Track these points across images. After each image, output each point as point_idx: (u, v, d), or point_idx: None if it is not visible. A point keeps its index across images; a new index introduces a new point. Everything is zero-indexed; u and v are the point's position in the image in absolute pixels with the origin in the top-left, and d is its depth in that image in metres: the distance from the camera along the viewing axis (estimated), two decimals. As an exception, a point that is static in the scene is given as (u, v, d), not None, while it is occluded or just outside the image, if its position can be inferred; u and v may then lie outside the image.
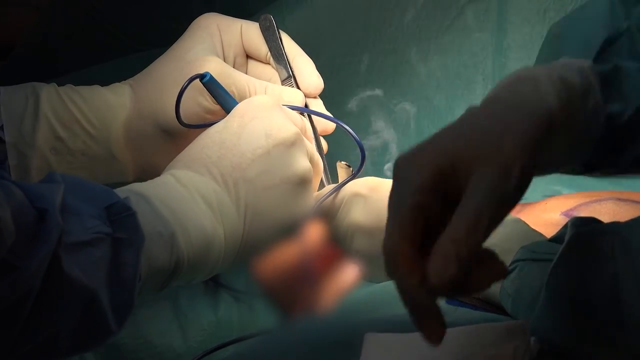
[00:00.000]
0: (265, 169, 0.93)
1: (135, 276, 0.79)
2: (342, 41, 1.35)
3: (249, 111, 0.96)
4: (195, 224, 0.87)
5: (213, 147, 0.93)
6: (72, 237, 0.75)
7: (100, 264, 0.77)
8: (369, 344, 0.77)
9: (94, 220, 0.78)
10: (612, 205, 1.10)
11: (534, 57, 1.31)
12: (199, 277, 0.90)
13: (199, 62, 1.07)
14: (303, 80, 1.12)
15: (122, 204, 0.80)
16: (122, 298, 0.78)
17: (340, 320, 0.86)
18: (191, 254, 0.86)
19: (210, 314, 1.06)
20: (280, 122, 0.95)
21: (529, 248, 0.88)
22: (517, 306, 0.86)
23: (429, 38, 1.35)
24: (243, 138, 0.93)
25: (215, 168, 0.91)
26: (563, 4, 1.31)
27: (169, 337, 1.05)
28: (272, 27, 1.12)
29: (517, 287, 0.87)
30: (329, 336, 0.82)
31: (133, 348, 1.04)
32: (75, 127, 1.06)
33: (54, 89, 1.07)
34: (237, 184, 0.92)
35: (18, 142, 1.04)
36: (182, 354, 1.05)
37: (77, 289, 0.75)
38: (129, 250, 0.79)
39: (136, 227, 0.80)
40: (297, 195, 0.95)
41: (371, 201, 1.02)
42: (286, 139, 0.95)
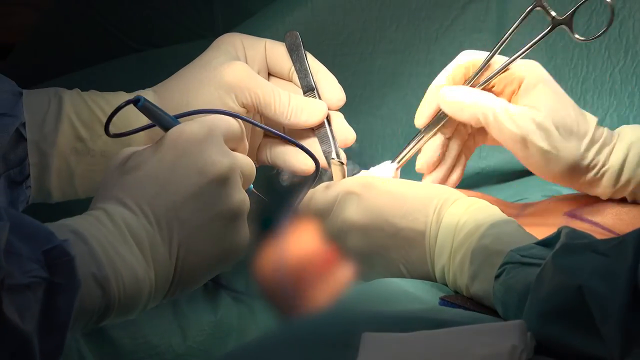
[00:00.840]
0: (198, 208, 0.91)
1: (68, 322, 0.78)
2: (342, 42, 1.35)
3: (181, 144, 0.92)
4: (128, 267, 0.86)
5: (147, 183, 0.91)
6: (13, 279, 0.74)
7: (35, 308, 0.76)
8: (366, 343, 0.77)
9: (33, 264, 0.76)
10: (616, 206, 1.10)
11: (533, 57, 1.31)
12: (128, 318, 0.89)
13: (225, 64, 1.08)
14: (326, 92, 1.13)
15: (61, 249, 0.79)
16: (53, 343, 0.77)
17: (337, 319, 0.86)
18: (122, 297, 0.86)
19: (210, 315, 1.07)
20: (213, 156, 0.92)
21: (517, 251, 0.88)
22: (506, 309, 0.87)
23: (429, 38, 1.35)
24: (176, 175, 0.91)
25: (148, 207, 0.89)
26: (563, 4, 1.31)
27: (168, 337, 1.05)
28: (297, 42, 1.12)
29: (505, 290, 0.87)
30: (325, 336, 0.82)
31: (133, 348, 1.04)
32: (97, 127, 1.06)
33: (77, 93, 1.07)
34: (170, 224, 0.90)
35: (39, 140, 1.04)
36: (181, 354, 1.05)
37: (12, 332, 0.74)
38: (64, 295, 0.78)
39: (73, 273, 0.79)
40: (231, 229, 0.93)
41: (364, 199, 1.02)
42: (219, 176, 0.92)
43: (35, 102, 1.04)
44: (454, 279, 0.97)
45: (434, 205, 1.00)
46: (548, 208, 1.14)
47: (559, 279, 0.77)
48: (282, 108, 1.09)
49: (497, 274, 0.89)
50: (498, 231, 0.94)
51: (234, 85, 1.08)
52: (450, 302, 0.95)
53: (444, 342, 0.76)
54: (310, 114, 1.10)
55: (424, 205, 1.00)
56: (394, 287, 0.98)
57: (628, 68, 1.29)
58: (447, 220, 0.98)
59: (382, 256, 1.01)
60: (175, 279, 0.91)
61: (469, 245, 0.95)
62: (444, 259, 0.98)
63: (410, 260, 1.00)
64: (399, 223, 1.00)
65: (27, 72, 1.13)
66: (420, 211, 1.00)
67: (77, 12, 1.45)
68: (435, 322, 0.82)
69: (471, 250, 0.95)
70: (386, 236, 1.00)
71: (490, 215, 0.97)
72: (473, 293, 0.94)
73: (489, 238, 0.94)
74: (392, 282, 1.00)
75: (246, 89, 1.08)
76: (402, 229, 1.00)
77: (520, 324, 0.76)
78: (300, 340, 0.82)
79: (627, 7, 1.29)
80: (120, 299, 0.86)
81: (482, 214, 0.97)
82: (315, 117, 1.11)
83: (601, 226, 1.08)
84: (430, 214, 1.00)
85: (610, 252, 0.76)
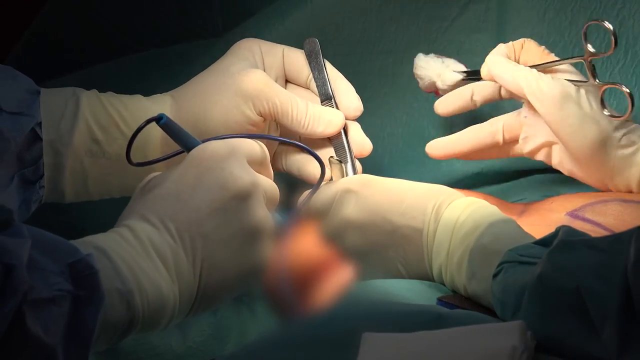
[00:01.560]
0: (220, 223, 0.92)
1: (92, 335, 0.79)
2: (342, 42, 1.35)
3: (204, 161, 0.93)
4: (152, 282, 0.87)
5: (169, 199, 0.91)
6: (36, 293, 0.74)
7: (60, 321, 0.76)
8: (366, 344, 0.77)
9: (57, 277, 0.77)
10: (617, 206, 1.10)
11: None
12: (153, 332, 0.90)
13: (243, 72, 1.08)
14: (343, 101, 1.14)
15: (85, 262, 0.79)
16: (78, 355, 0.78)
17: (336, 319, 0.86)
18: (146, 311, 0.86)
19: (209, 315, 1.06)
20: (235, 173, 0.93)
21: (515, 251, 0.88)
22: (504, 308, 0.87)
23: (429, 38, 1.35)
24: (198, 191, 0.92)
25: (171, 222, 0.90)
26: (563, 5, 1.31)
27: (168, 337, 1.05)
28: (316, 49, 1.13)
29: (502, 289, 0.87)
30: (325, 336, 0.82)
31: (132, 348, 1.04)
32: (114, 130, 1.06)
33: (94, 93, 1.07)
34: (193, 239, 0.90)
35: (55, 140, 1.04)
36: (181, 355, 1.04)
37: (37, 346, 0.74)
38: (88, 309, 0.78)
39: (97, 286, 0.79)
40: (252, 245, 0.94)
41: (363, 197, 1.02)
42: (241, 191, 0.93)
43: (52, 101, 1.05)
44: (451, 278, 0.97)
45: (432, 204, 1.00)
46: (549, 208, 1.14)
47: (556, 277, 0.77)
48: (299, 117, 1.10)
49: (494, 273, 0.89)
50: (496, 231, 0.94)
51: (251, 93, 1.08)
52: (447, 303, 0.95)
53: (444, 342, 0.76)
54: (328, 124, 1.11)
55: (423, 203, 1.00)
56: (391, 289, 0.98)
57: (628, 68, 1.29)
58: (445, 219, 0.99)
59: (380, 254, 1.01)
60: (199, 294, 0.91)
61: (467, 245, 0.95)
62: (442, 258, 0.98)
63: (408, 259, 1.00)
64: (397, 221, 1.00)
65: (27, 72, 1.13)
66: (419, 209, 1.00)
67: (77, 12, 1.44)
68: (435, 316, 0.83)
69: (469, 249, 0.95)
70: (384, 234, 1.01)
71: (488, 215, 0.97)
72: (470, 292, 0.95)
73: (488, 237, 0.94)
74: (389, 283, 1.00)
75: (264, 97, 1.08)
76: (400, 227, 1.00)
77: (520, 324, 0.76)
78: (300, 341, 0.82)
79: (627, 7, 1.29)
80: (145, 314, 0.86)
81: (481, 214, 0.97)
82: (332, 127, 1.12)
83: (603, 226, 1.08)
84: (429, 213, 1.00)
85: (608, 247, 0.76)
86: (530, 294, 0.80)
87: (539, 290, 0.79)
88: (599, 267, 0.74)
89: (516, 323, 0.77)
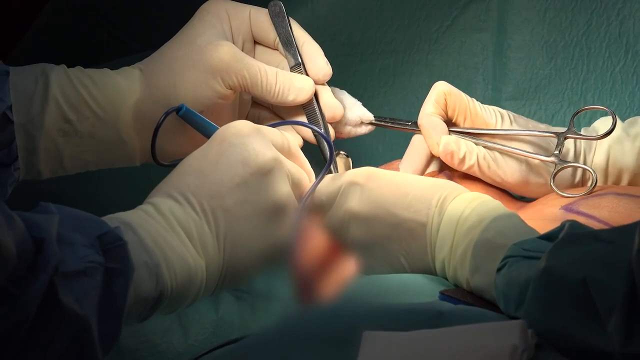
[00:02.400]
0: (243, 198, 0.93)
1: (124, 306, 0.79)
2: (342, 42, 1.35)
3: (227, 138, 0.95)
4: (178, 256, 0.88)
5: (192, 175, 0.93)
6: (67, 266, 0.75)
7: (93, 293, 0.77)
8: (367, 342, 0.77)
9: (87, 250, 0.78)
10: (612, 199, 1.10)
11: (534, 57, 1.32)
12: (181, 307, 0.91)
13: (211, 46, 1.08)
14: (312, 67, 1.13)
15: (113, 234, 0.80)
16: (110, 327, 0.79)
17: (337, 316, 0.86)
18: (174, 285, 0.87)
19: (211, 313, 1.06)
20: (258, 149, 0.95)
21: (520, 245, 0.88)
22: (507, 301, 0.86)
23: (429, 38, 1.35)
24: (221, 166, 0.93)
25: (194, 197, 0.91)
26: (563, 5, 1.31)
27: (170, 335, 1.05)
28: (281, 13, 1.13)
29: (506, 283, 0.87)
30: (325, 333, 0.82)
31: (134, 347, 1.04)
32: (84, 109, 1.06)
33: (63, 71, 1.07)
34: (215, 213, 0.92)
35: (26, 123, 1.04)
36: (182, 353, 1.05)
37: (71, 317, 0.75)
38: (119, 279, 0.79)
39: (127, 257, 0.80)
40: (276, 222, 0.95)
41: (367, 190, 1.02)
42: (263, 166, 0.94)
43: (21, 82, 1.04)
44: (454, 272, 0.97)
45: (437, 198, 1.00)
46: (544, 202, 1.14)
47: (562, 269, 0.77)
48: (269, 87, 1.10)
49: (499, 267, 0.89)
50: (500, 225, 0.95)
51: (220, 68, 1.08)
52: (450, 297, 0.95)
53: (444, 341, 0.76)
54: (298, 92, 1.11)
55: (427, 197, 1.00)
56: (394, 282, 0.98)
57: (629, 68, 1.29)
58: (449, 213, 0.98)
59: (383, 247, 1.01)
60: (223, 269, 0.92)
61: (471, 239, 0.95)
62: (445, 252, 0.98)
63: (411, 252, 1.00)
64: (401, 214, 1.00)
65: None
66: (423, 203, 1.00)
67: (77, 12, 1.44)
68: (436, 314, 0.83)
69: (473, 243, 0.95)
70: (388, 227, 1.01)
71: (493, 209, 0.97)
72: (473, 286, 0.95)
73: (492, 232, 0.94)
74: (391, 278, 1.00)
75: (232, 71, 1.08)
76: (404, 220, 1.00)
77: (521, 323, 0.76)
78: (301, 338, 0.82)
79: (627, 6, 1.29)
80: (173, 287, 0.87)
81: (485, 208, 0.97)
82: (302, 96, 1.12)
83: (597, 219, 1.08)
84: (433, 207, 1.00)
85: (615, 239, 0.76)
86: (534, 288, 0.80)
87: (544, 283, 0.79)
88: (606, 258, 0.74)
89: (517, 322, 0.77)
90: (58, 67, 1.07)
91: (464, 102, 1.16)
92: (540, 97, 1.32)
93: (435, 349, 0.75)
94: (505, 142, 1.15)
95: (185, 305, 0.90)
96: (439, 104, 1.15)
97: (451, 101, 1.15)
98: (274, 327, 0.88)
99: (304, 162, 1.04)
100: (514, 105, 1.30)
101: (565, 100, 1.31)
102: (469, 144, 1.15)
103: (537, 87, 1.15)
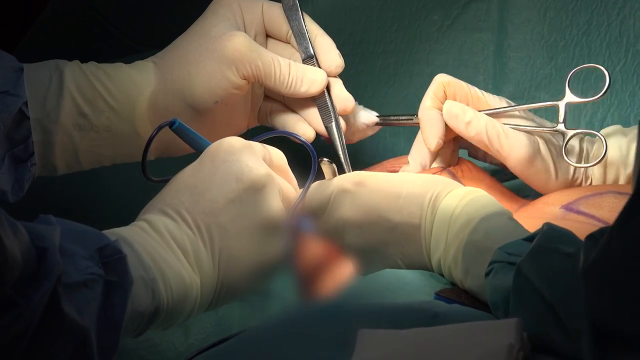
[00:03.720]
0: (237, 214, 0.93)
1: (122, 318, 0.79)
2: (343, 41, 1.35)
3: (220, 154, 0.95)
4: (174, 272, 0.88)
5: (186, 192, 0.93)
6: (68, 277, 0.75)
7: (93, 304, 0.77)
8: (362, 340, 0.77)
9: (87, 262, 0.78)
10: (612, 199, 1.10)
11: (534, 57, 1.32)
12: (176, 323, 0.90)
13: (225, 37, 1.08)
14: (324, 59, 1.13)
15: (113, 247, 0.81)
16: (109, 339, 0.79)
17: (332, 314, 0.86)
18: (170, 300, 0.87)
19: (211, 312, 1.06)
20: (250, 164, 0.95)
21: (504, 249, 0.88)
22: (495, 308, 0.87)
23: (429, 38, 1.35)
24: (214, 183, 0.93)
25: (188, 214, 0.91)
26: (563, 4, 1.31)
27: (170, 335, 1.05)
28: (295, 6, 1.13)
29: (492, 290, 0.87)
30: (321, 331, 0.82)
31: (134, 346, 1.04)
32: (100, 103, 1.06)
33: (77, 66, 1.07)
34: (210, 230, 0.92)
35: (42, 118, 1.04)
36: (183, 352, 1.05)
37: (73, 328, 0.75)
38: (118, 292, 0.80)
39: (126, 270, 0.80)
40: (269, 237, 0.95)
41: (358, 196, 1.01)
42: (256, 182, 0.94)
43: (36, 78, 1.05)
44: (449, 272, 0.97)
45: (428, 198, 0.99)
46: (544, 201, 1.14)
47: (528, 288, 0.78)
48: (282, 78, 1.10)
49: (486, 272, 0.89)
50: (488, 225, 0.94)
51: (234, 58, 1.08)
52: (445, 297, 0.94)
53: (440, 339, 0.76)
54: (311, 84, 1.11)
55: (419, 197, 1.00)
56: (390, 278, 0.98)
57: (629, 67, 1.29)
58: (441, 212, 0.98)
59: (379, 251, 1.01)
60: (218, 285, 0.92)
61: (461, 240, 0.95)
62: (440, 251, 0.98)
63: (407, 254, 1.00)
64: (394, 218, 1.00)
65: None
66: (415, 204, 0.99)
67: (77, 12, 1.44)
68: (431, 315, 0.83)
69: (463, 245, 0.94)
70: (382, 232, 1.00)
71: (482, 207, 0.96)
72: (467, 288, 0.95)
73: (479, 234, 0.93)
74: (388, 272, 0.99)
75: (247, 61, 1.08)
76: (398, 223, 1.00)
77: (517, 322, 0.76)
78: (296, 335, 0.82)
79: (627, 6, 1.29)
80: (169, 302, 0.87)
81: (475, 206, 0.97)
82: (314, 87, 1.12)
83: (597, 218, 1.08)
84: (425, 206, 0.99)
85: (574, 251, 0.76)
86: (513, 298, 0.80)
87: (519, 296, 0.80)
88: (567, 276, 0.74)
89: (513, 320, 0.76)
90: (72, 63, 1.07)
91: (464, 89, 1.15)
92: (541, 96, 1.32)
93: (430, 346, 0.75)
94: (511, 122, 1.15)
95: (180, 321, 0.90)
96: (437, 96, 1.15)
97: (450, 91, 1.15)
98: (269, 324, 0.88)
99: (291, 177, 1.03)
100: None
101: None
102: (477, 112, 1.14)
103: (537, 86, 1.15)
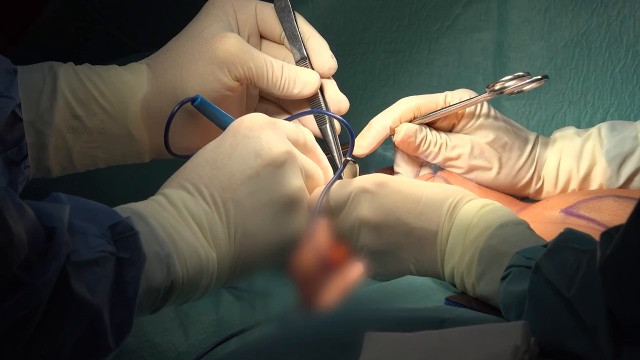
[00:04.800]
0: (254, 190, 0.93)
1: (136, 295, 0.80)
2: (343, 41, 1.35)
3: (241, 130, 0.96)
4: (189, 246, 0.88)
5: (205, 166, 0.94)
6: (78, 255, 0.75)
7: (104, 282, 0.77)
8: (369, 343, 0.77)
9: (99, 240, 0.78)
10: (612, 202, 1.10)
11: (534, 57, 1.32)
12: (191, 299, 0.91)
13: (217, 38, 1.08)
14: (317, 61, 1.13)
15: (125, 224, 0.81)
16: (122, 317, 0.79)
17: (342, 318, 0.86)
18: (185, 275, 0.87)
19: (211, 313, 1.06)
20: (271, 141, 0.95)
21: (523, 253, 0.88)
22: (508, 311, 0.87)
23: (429, 38, 1.35)
24: (234, 158, 0.94)
25: (206, 189, 0.92)
26: (563, 4, 1.31)
27: (170, 335, 1.05)
28: (287, 8, 1.13)
29: (507, 293, 0.87)
30: (328, 336, 0.82)
31: (135, 346, 1.04)
32: (93, 105, 1.06)
33: (71, 68, 1.07)
34: (226, 205, 0.92)
35: (35, 120, 1.04)
36: (183, 352, 1.05)
37: (83, 306, 0.75)
38: (131, 269, 0.80)
39: (139, 247, 0.81)
40: (287, 215, 0.95)
41: (378, 197, 1.01)
42: (275, 159, 0.95)
43: (30, 80, 1.04)
44: (461, 279, 0.97)
45: (447, 206, 0.99)
46: (545, 206, 1.14)
47: (548, 284, 0.78)
48: (275, 80, 1.10)
49: (503, 276, 0.89)
50: (506, 232, 0.94)
51: (226, 60, 1.08)
52: (455, 303, 0.94)
53: (446, 341, 0.76)
54: (304, 86, 1.11)
55: (438, 205, 1.00)
56: (401, 284, 0.98)
57: (629, 67, 1.29)
58: (459, 221, 0.98)
59: (393, 254, 1.01)
60: (234, 261, 0.92)
61: (477, 246, 0.95)
62: (455, 260, 0.97)
63: (421, 260, 1.00)
64: (412, 222, 1.00)
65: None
66: (434, 211, 0.99)
67: (77, 12, 1.44)
68: (439, 321, 0.82)
69: (479, 250, 0.94)
70: (399, 235, 1.00)
71: (500, 217, 0.96)
72: (479, 293, 0.94)
73: (496, 239, 0.93)
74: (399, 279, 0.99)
75: (239, 62, 1.08)
76: (415, 228, 0.99)
77: (523, 324, 0.76)
78: (303, 340, 0.82)
79: (627, 6, 1.29)
80: (184, 278, 0.87)
81: (493, 216, 0.97)
82: (308, 89, 1.12)
83: (598, 222, 1.08)
84: (444, 214, 0.99)
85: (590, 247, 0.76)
86: (529, 299, 0.80)
87: (535, 295, 0.79)
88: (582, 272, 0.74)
89: (519, 323, 0.77)
90: (66, 65, 1.07)
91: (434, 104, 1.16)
92: (541, 97, 1.32)
93: (437, 348, 0.75)
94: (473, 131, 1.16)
95: (196, 296, 0.90)
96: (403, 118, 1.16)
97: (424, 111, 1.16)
98: (278, 330, 0.88)
99: (321, 157, 1.04)
100: (514, 105, 1.30)
101: (566, 100, 1.31)
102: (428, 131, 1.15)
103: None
